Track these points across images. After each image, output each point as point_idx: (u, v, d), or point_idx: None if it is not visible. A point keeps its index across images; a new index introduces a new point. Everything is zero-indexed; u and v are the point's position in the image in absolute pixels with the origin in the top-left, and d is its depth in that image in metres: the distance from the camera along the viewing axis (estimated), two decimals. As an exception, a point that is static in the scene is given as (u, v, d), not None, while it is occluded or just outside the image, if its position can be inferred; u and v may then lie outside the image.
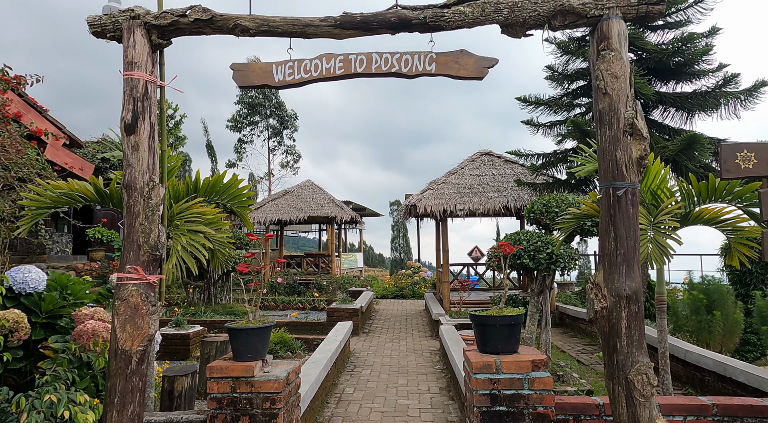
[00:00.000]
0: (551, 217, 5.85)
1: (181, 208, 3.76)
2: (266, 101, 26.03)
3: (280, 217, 17.03)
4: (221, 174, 4.09)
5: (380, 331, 10.31)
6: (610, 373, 2.66)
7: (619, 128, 2.66)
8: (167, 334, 7.64)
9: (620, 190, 2.65)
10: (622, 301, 2.59)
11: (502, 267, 6.36)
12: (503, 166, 11.85)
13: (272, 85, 2.92)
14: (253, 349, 3.24)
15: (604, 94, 2.70)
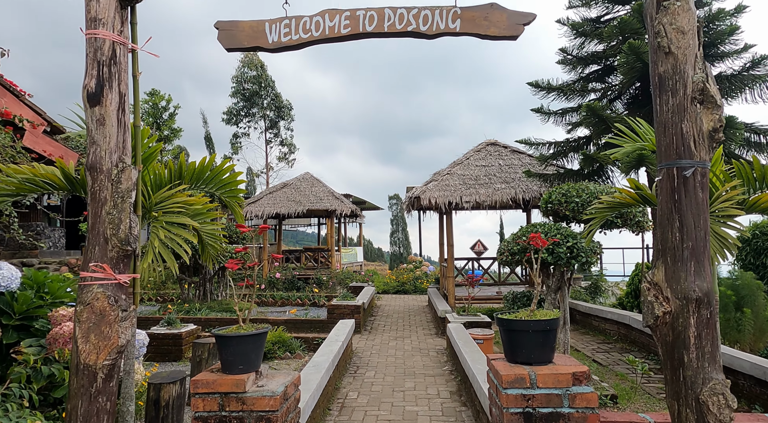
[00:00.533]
0: (571, 207, 5.39)
1: (162, 196, 3.29)
2: (263, 91, 25.36)
3: (279, 211, 16.55)
4: (210, 158, 3.61)
5: (383, 328, 9.88)
6: (673, 392, 2.21)
7: (686, 95, 2.19)
8: (158, 333, 7.19)
9: (687, 170, 2.18)
10: (690, 304, 2.14)
11: (514, 262, 5.92)
12: (510, 157, 11.38)
13: (265, 48, 2.45)
14: (245, 359, 2.78)
15: (666, 54, 2.23)
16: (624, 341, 7.80)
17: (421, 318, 11.24)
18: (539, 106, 9.29)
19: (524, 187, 10.27)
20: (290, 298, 13.73)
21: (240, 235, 12.17)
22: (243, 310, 3.10)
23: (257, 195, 17.72)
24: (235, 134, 26.85)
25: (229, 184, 3.76)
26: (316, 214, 20.77)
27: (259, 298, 13.79)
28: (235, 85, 25.71)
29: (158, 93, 22.31)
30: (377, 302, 14.20)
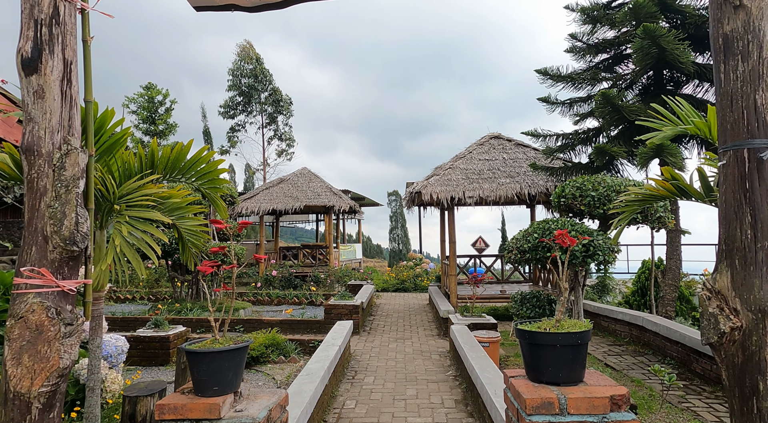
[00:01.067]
0: (586, 202, 4.97)
1: (129, 188, 2.86)
2: (260, 85, 24.80)
3: (275, 207, 16.12)
4: (187, 144, 3.16)
5: (383, 329, 9.48)
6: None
7: (762, 58, 1.77)
8: (144, 336, 6.77)
9: (764, 151, 1.76)
10: (766, 318, 1.71)
11: (524, 261, 5.51)
12: (514, 150, 10.95)
13: (242, 6, 2.01)
14: (221, 379, 2.36)
15: (736, 8, 1.80)
16: (636, 343, 7.40)
17: (422, 318, 10.84)
18: (546, 96, 8.85)
19: (529, 182, 9.85)
20: (287, 297, 13.33)
21: (234, 232, 11.75)
22: (219, 320, 2.66)
23: (253, 190, 17.29)
24: (233, 127, 26.22)
25: (209, 173, 3.32)
26: (314, 211, 20.35)
27: (255, 296, 13.38)
28: (231, 78, 25.17)
29: (154, 87, 21.82)
30: (376, 301, 13.80)
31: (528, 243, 5.01)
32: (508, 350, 7.68)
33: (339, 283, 15.14)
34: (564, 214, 5.57)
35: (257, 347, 6.67)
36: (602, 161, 7.26)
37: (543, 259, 5.03)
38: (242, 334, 8.73)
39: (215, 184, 3.42)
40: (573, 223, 4.99)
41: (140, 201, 2.82)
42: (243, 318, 8.94)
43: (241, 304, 11.21)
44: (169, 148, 3.04)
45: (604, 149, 6.92)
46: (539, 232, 4.97)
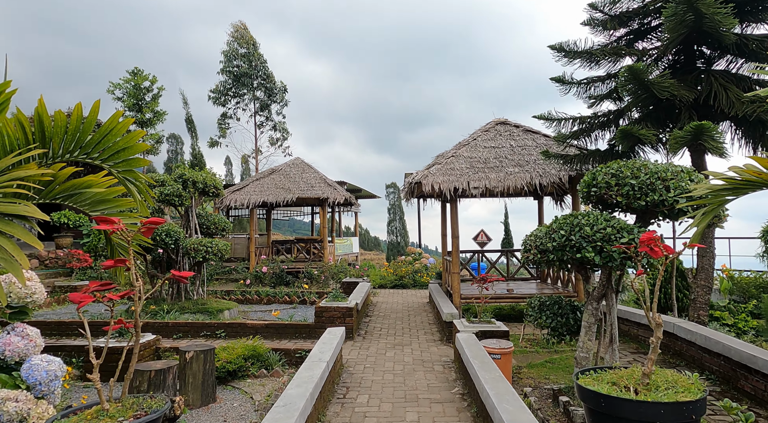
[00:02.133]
0: (624, 191, 4.10)
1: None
2: (253, 71, 23.63)
3: (266, 199, 15.22)
4: (93, 106, 2.25)
5: (379, 332, 8.64)
6: None
7: None
8: (102, 348, 5.89)
9: None
10: None
11: (546, 262, 4.65)
12: (523, 137, 10.06)
13: None
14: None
15: None
16: (665, 352, 6.58)
17: (423, 319, 10.01)
18: (560, 75, 7.94)
19: (540, 171, 8.97)
20: (277, 295, 12.49)
21: (219, 227, 10.87)
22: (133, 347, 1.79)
23: (242, 182, 16.37)
24: (224, 114, 25.04)
25: (124, 152, 2.40)
26: (308, 203, 19.46)
27: (243, 295, 12.54)
28: (224, 60, 23.92)
29: (141, 72, 20.76)
30: (373, 299, 12.97)
31: (553, 241, 4.14)
32: (520, 359, 6.85)
33: (333, 279, 14.30)
34: (593, 207, 4.70)
35: (235, 360, 5.82)
36: (627, 146, 6.38)
37: (571, 262, 4.16)
38: (224, 340, 7.89)
39: (131, 165, 2.50)
40: (608, 218, 4.12)
41: (5, 188, 1.93)
42: (225, 322, 8.09)
43: (226, 304, 10.36)
44: (62, 113, 2.13)
45: (630, 132, 6.03)
46: (566, 228, 4.10)
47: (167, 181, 10.18)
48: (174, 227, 9.36)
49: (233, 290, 12.80)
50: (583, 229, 4.06)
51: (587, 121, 7.62)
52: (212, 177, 10.67)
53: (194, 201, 10.37)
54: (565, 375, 6.16)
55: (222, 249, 9.68)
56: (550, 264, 4.57)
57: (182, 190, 9.84)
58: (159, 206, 9.94)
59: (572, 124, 7.78)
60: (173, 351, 6.40)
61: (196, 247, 9.32)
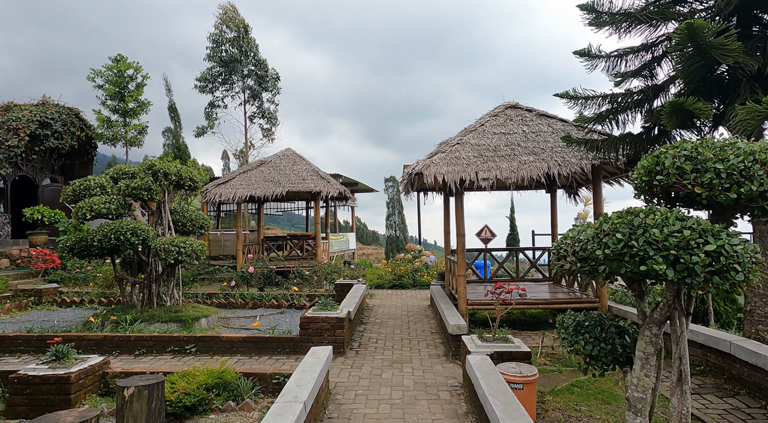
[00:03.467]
0: (706, 179, 2.99)
1: None
2: (243, 57, 22.24)
3: (253, 193, 14.07)
4: None
5: (375, 345, 7.54)
6: None
7: None
8: (33, 376, 4.77)
9: None
10: None
11: (586, 272, 3.53)
12: (537, 122, 8.91)
13: None
14: None
15: None
16: (718, 375, 5.48)
17: (424, 326, 8.92)
18: (585, 48, 6.79)
19: (559, 160, 7.84)
20: (264, 299, 11.38)
21: (196, 224, 9.73)
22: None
23: (228, 175, 15.21)
24: (211, 103, 23.63)
25: None
26: (300, 197, 18.33)
27: (226, 298, 11.43)
28: (211, 45, 22.48)
29: (124, 59, 19.50)
30: (369, 302, 11.87)
31: (605, 248, 3.02)
32: (540, 381, 5.75)
33: (327, 280, 13.19)
34: (648, 201, 3.58)
35: (195, 391, 4.71)
36: (674, 124, 5.24)
37: (633, 276, 3.05)
38: (195, 357, 6.78)
39: None
40: (681, 217, 3.00)
41: None
42: (196, 335, 6.97)
43: (205, 310, 9.25)
44: None
45: (681, 106, 4.90)
46: (624, 229, 2.98)
47: (138, 172, 9.03)
48: (141, 225, 8.23)
49: (216, 293, 11.68)
50: (650, 232, 2.95)
51: (617, 101, 6.48)
52: (188, 169, 9.52)
53: (167, 195, 9.23)
54: (599, 405, 5.07)
55: (197, 249, 8.55)
56: (591, 275, 3.46)
57: (152, 182, 8.70)
58: (126, 201, 8.79)
59: (600, 103, 6.64)
60: (126, 377, 5.28)
61: (167, 247, 8.20)
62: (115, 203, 8.55)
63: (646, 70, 6.99)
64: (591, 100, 6.60)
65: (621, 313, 7.82)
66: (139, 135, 19.64)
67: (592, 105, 6.69)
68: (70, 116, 17.48)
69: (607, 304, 8.23)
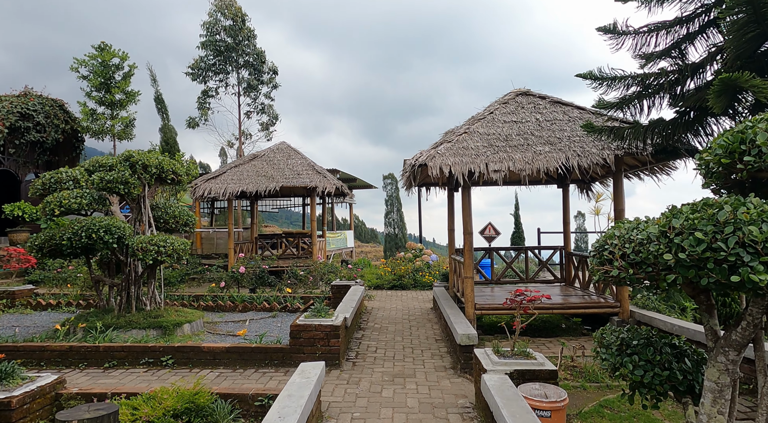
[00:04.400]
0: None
1: None
2: (239, 47, 21.21)
3: (245, 189, 13.29)
4: None
5: (374, 355, 6.80)
6: None
7: None
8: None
9: None
10: None
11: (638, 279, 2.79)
12: (551, 110, 8.16)
13: None
14: None
15: None
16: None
17: (427, 332, 8.18)
18: (610, 24, 6.04)
19: (578, 150, 7.08)
20: (255, 301, 10.62)
21: (180, 221, 8.96)
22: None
23: (219, 169, 14.42)
24: (205, 92, 22.59)
25: None
26: (295, 193, 17.56)
27: (214, 301, 10.67)
28: (205, 34, 21.48)
29: (109, 47, 18.65)
30: (368, 304, 11.14)
31: (680, 251, 2.27)
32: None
33: (323, 280, 12.44)
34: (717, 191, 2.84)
35: (160, 419, 3.95)
36: (722, 105, 4.49)
37: (721, 287, 2.30)
38: (172, 370, 6.03)
39: None
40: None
41: None
42: (174, 345, 6.21)
43: (189, 314, 8.50)
44: None
45: (734, 83, 4.15)
46: (707, 226, 2.23)
47: (116, 164, 8.25)
48: (116, 222, 7.45)
49: (204, 295, 10.92)
50: (745, 231, 2.20)
51: (649, 81, 5.73)
52: (171, 161, 8.75)
53: (147, 190, 8.46)
54: (638, 434, 4.34)
55: (179, 248, 7.78)
56: (653, 285, 2.72)
57: (130, 175, 7.92)
58: (101, 195, 8.01)
59: (628, 84, 5.89)
60: (85, 399, 4.52)
61: (145, 246, 7.43)
62: (87, 198, 7.77)
63: (676, 49, 6.23)
64: (618, 81, 5.85)
65: (645, 319, 7.09)
66: (127, 128, 18.80)
67: (619, 87, 5.94)
68: (54, 108, 16.67)
69: (629, 308, 7.50)
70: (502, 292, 9.16)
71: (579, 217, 32.82)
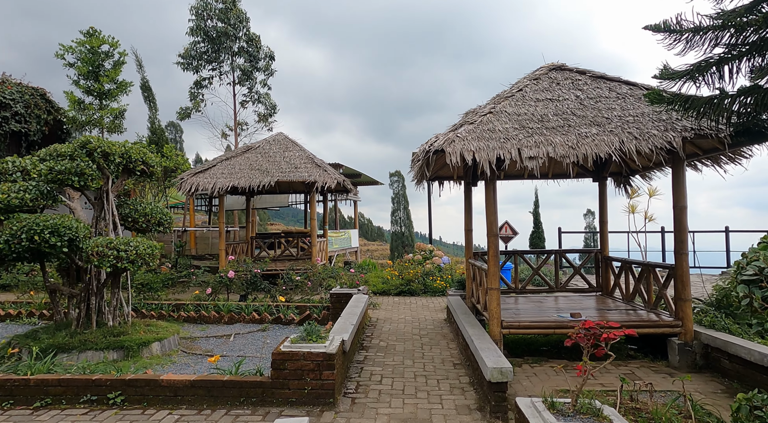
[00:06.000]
0: None
1: None
2: (233, 31, 19.83)
3: (236, 183, 11.97)
4: None
5: (378, 387, 5.44)
6: None
7: None
8: None
9: None
10: None
11: None
12: (594, 86, 6.76)
13: None
14: None
15: None
16: None
17: (443, 354, 6.82)
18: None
19: (635, 131, 5.67)
20: (243, 311, 9.31)
21: (152, 220, 7.65)
22: None
23: (208, 162, 13.13)
24: (197, 82, 21.18)
25: None
26: (294, 188, 16.25)
27: (197, 310, 9.38)
28: (194, 18, 20.15)
29: (98, 33, 17.42)
30: (372, 314, 9.79)
31: None
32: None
33: (322, 286, 11.11)
34: None
35: None
36: None
37: None
38: (119, 411, 4.72)
39: None
40: None
41: None
42: (126, 378, 4.90)
43: (163, 329, 7.22)
44: None
45: None
46: None
47: (76, 153, 6.95)
48: (66, 221, 6.16)
49: (186, 303, 9.63)
50: None
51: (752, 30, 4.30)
52: (142, 149, 7.44)
53: (111, 182, 7.16)
54: None
55: (145, 253, 6.48)
56: None
57: (86, 165, 6.61)
58: (51, 188, 6.72)
59: (717, 37, 4.46)
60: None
61: (101, 250, 6.13)
62: (32, 192, 6.49)
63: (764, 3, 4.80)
64: (703, 34, 4.42)
65: (717, 343, 5.67)
66: (116, 119, 17.56)
67: (704, 43, 4.51)
68: (35, 97, 15.45)
69: (692, 328, 6.08)
70: (528, 304, 7.79)
71: (588, 215, 31.19)
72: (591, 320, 3.48)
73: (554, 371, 6.05)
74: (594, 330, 3.34)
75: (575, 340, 3.45)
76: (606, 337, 3.30)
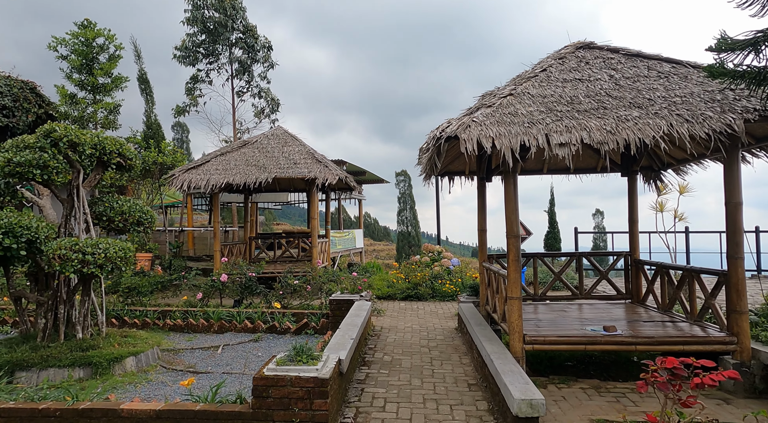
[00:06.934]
0: None
1: None
2: (230, 22, 19.00)
3: (231, 180, 11.19)
4: None
5: (381, 416, 4.60)
6: None
7: None
8: None
9: None
10: None
11: None
12: (629, 65, 5.88)
13: None
14: None
15: None
16: None
17: (456, 371, 5.96)
18: None
19: (686, 113, 4.79)
20: (235, 318, 8.51)
21: (130, 219, 6.86)
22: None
23: (202, 158, 12.35)
24: (194, 77, 20.40)
25: None
26: (294, 185, 15.45)
27: (185, 318, 8.60)
28: (191, 9, 19.35)
29: (93, 26, 16.73)
30: (375, 322, 8.96)
31: None
32: None
33: (322, 290, 10.29)
34: None
35: None
36: None
37: None
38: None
39: None
40: None
41: None
42: (78, 407, 4.10)
43: (141, 340, 6.44)
44: None
45: None
46: None
47: (40, 143, 6.16)
48: (22, 221, 5.38)
49: (172, 310, 8.85)
50: None
51: None
52: (118, 141, 6.66)
53: (82, 177, 6.38)
54: None
55: (116, 256, 5.69)
56: None
57: (51, 157, 5.84)
58: (10, 183, 5.94)
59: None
60: None
61: (64, 253, 5.34)
62: (-14, 186, 5.72)
63: None
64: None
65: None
66: (110, 115, 16.85)
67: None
68: (24, 90, 14.76)
69: (750, 345, 5.19)
70: (550, 314, 6.92)
71: (597, 215, 30.09)
72: (673, 359, 2.61)
73: (586, 394, 5.20)
74: (679, 371, 2.48)
75: (652, 385, 2.59)
76: (698, 382, 2.44)
